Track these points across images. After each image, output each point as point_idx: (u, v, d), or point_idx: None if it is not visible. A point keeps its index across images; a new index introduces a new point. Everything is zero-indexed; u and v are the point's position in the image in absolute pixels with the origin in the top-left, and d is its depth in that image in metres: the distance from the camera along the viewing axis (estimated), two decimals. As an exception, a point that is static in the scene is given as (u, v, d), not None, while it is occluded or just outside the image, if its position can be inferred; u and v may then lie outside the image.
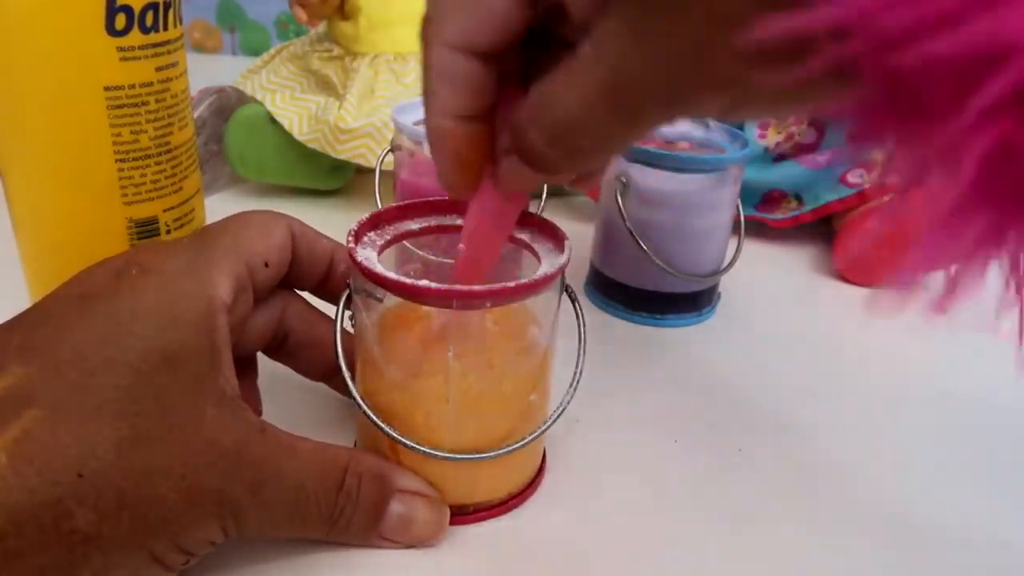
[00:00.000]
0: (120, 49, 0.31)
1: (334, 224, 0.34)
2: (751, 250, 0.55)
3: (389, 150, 0.46)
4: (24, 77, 0.30)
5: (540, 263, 0.28)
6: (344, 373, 0.28)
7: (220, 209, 0.33)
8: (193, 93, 0.50)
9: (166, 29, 0.32)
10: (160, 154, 0.33)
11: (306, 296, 0.32)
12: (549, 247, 0.29)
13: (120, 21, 0.30)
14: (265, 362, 0.32)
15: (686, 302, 0.45)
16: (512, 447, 0.28)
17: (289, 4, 0.57)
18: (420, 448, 0.27)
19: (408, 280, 0.25)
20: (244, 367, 0.31)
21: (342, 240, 0.29)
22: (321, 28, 0.60)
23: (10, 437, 0.21)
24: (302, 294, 0.32)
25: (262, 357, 0.32)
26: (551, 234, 0.30)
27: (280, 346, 0.31)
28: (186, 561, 0.24)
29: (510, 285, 0.25)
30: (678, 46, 0.16)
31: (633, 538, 0.29)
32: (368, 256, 0.27)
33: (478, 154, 0.23)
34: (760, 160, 0.57)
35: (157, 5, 0.32)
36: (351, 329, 0.29)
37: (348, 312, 0.29)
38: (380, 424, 0.27)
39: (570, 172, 0.22)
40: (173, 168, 0.34)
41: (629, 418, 0.36)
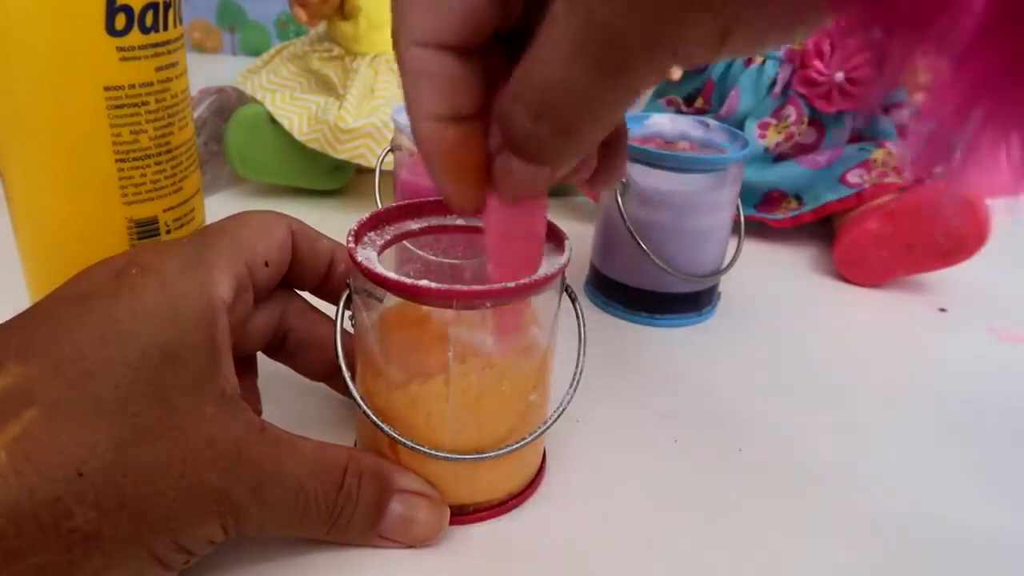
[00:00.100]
0: (120, 49, 0.31)
1: (334, 224, 0.34)
2: (751, 250, 0.55)
3: (389, 150, 0.46)
4: (24, 77, 0.30)
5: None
6: (344, 373, 0.28)
7: (220, 209, 0.33)
8: (193, 93, 0.50)
9: (166, 29, 0.32)
10: (160, 154, 0.33)
11: (306, 296, 0.32)
12: (549, 247, 0.29)
13: (120, 21, 0.30)
14: (265, 362, 0.32)
15: (686, 302, 0.45)
16: (512, 447, 0.28)
17: (289, 4, 0.57)
18: (420, 448, 0.27)
19: (408, 280, 0.25)
20: (244, 367, 0.31)
21: (342, 240, 0.29)
22: (321, 28, 0.60)
23: (10, 436, 0.21)
24: (302, 294, 0.32)
25: (262, 357, 0.32)
26: (551, 234, 0.30)
27: (280, 346, 0.31)
28: (186, 560, 0.24)
29: (510, 285, 0.25)
30: None
31: (633, 538, 0.29)
32: (368, 256, 0.27)
33: (474, 159, 0.21)
34: (760, 160, 0.57)
35: (157, 5, 0.32)
36: (351, 329, 0.29)
37: (348, 312, 0.29)
38: (380, 424, 0.27)
39: (564, 156, 0.20)
40: (173, 168, 0.34)
41: (629, 418, 0.36)
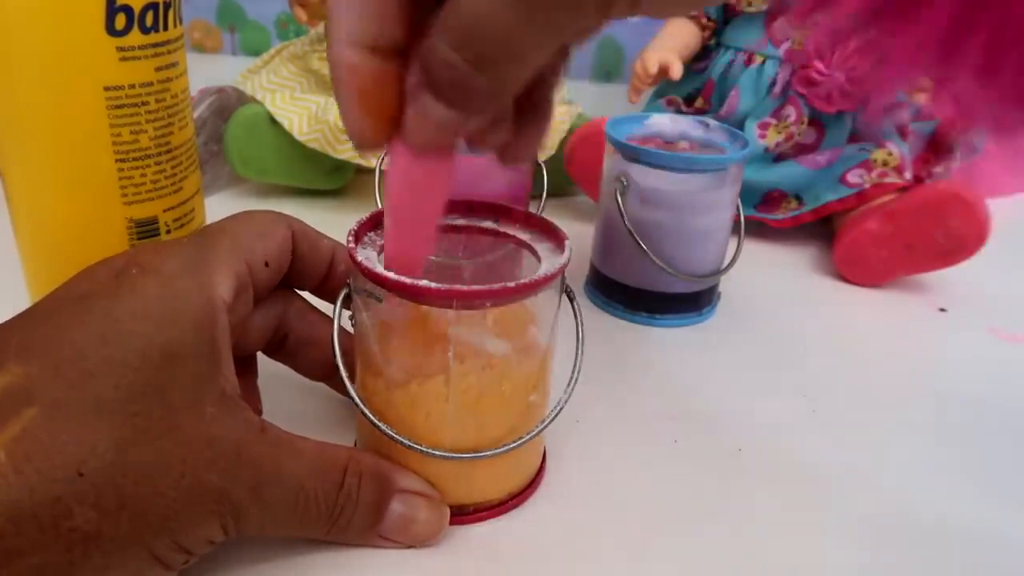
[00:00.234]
0: (120, 49, 0.31)
1: (334, 224, 0.34)
2: (751, 250, 0.55)
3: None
4: (24, 77, 0.30)
5: (540, 263, 0.28)
6: (342, 373, 0.28)
7: (220, 209, 0.33)
8: (193, 93, 0.50)
9: (166, 29, 0.32)
10: (160, 154, 0.33)
11: (306, 296, 0.32)
12: (549, 247, 0.29)
13: (120, 21, 0.30)
14: (265, 362, 0.32)
15: (686, 302, 0.45)
16: (509, 446, 0.28)
17: (289, 4, 0.57)
18: (420, 448, 0.27)
19: (408, 280, 0.25)
20: (244, 367, 0.31)
21: (342, 240, 0.29)
22: (321, 28, 0.60)
23: (9, 436, 0.21)
24: (302, 294, 0.32)
25: (262, 357, 0.32)
26: (551, 234, 0.30)
27: (280, 346, 0.31)
28: (186, 560, 0.24)
29: (510, 285, 0.25)
30: None
31: (633, 538, 0.29)
32: (368, 256, 0.27)
33: (386, 95, 0.20)
34: (760, 160, 0.57)
35: (157, 5, 0.32)
36: (351, 329, 0.29)
37: (348, 312, 0.29)
38: (379, 424, 0.27)
39: (479, 97, 0.19)
40: (173, 168, 0.34)
41: (629, 418, 0.36)
